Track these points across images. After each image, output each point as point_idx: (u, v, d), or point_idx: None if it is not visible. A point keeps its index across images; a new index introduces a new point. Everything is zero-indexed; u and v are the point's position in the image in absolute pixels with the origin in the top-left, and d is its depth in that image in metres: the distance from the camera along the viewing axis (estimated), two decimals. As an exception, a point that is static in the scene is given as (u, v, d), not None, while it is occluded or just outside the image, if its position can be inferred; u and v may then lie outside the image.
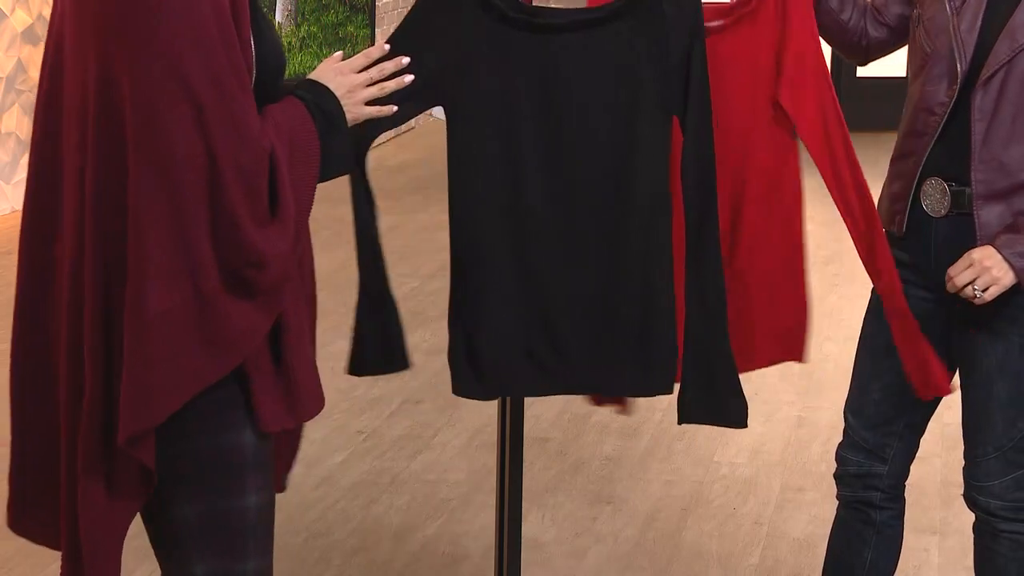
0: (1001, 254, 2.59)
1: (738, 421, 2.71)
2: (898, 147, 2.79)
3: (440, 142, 2.75)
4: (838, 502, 2.99)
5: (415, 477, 4.30)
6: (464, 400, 2.78)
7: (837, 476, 2.96)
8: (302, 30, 8.58)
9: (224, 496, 2.17)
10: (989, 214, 2.65)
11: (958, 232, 2.69)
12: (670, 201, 2.67)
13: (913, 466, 3.00)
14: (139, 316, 2.05)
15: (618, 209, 2.67)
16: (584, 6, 2.67)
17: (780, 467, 4.40)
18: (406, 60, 2.38)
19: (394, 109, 2.38)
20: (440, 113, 2.65)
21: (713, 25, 2.68)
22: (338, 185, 2.51)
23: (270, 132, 2.11)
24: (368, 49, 2.35)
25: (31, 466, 2.27)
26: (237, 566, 2.20)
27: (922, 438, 2.96)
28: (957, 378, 2.82)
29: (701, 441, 4.56)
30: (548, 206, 2.66)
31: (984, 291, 2.59)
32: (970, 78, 2.64)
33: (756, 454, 4.49)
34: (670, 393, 2.72)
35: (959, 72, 2.64)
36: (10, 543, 2.86)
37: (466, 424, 4.67)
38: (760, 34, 2.73)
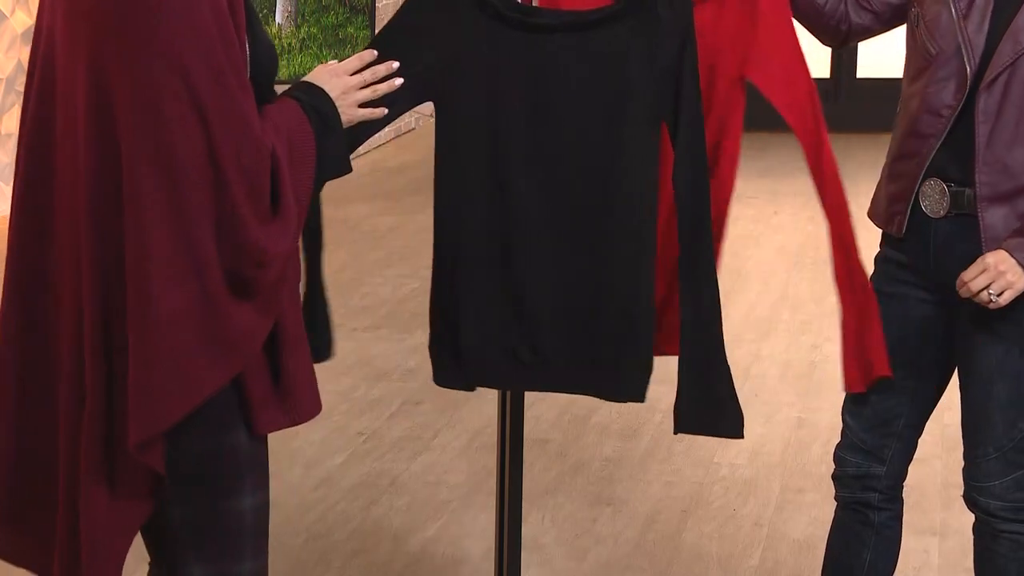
0: (1015, 258, 2.59)
1: (734, 431, 2.71)
2: (896, 147, 2.78)
3: (440, 143, 2.75)
4: (836, 503, 2.99)
5: (415, 479, 4.30)
6: (464, 401, 2.79)
7: (835, 477, 2.96)
8: (302, 31, 8.58)
9: (221, 497, 2.16)
10: (993, 216, 2.64)
11: (957, 233, 2.69)
12: (656, 206, 2.66)
13: (913, 467, 3.00)
14: (145, 318, 2.04)
15: (602, 211, 2.65)
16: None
17: (780, 468, 4.40)
18: (396, 64, 2.41)
19: (385, 111, 2.41)
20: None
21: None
22: (338, 186, 2.51)
23: (269, 132, 2.12)
24: (361, 52, 2.38)
25: (21, 480, 2.23)
26: (234, 567, 2.19)
27: (922, 439, 2.96)
28: (956, 378, 2.83)
29: (701, 442, 4.55)
30: (532, 205, 2.65)
31: (999, 295, 2.59)
32: (974, 81, 2.64)
33: (756, 455, 4.49)
34: (641, 401, 2.71)
35: (968, 75, 2.63)
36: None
37: (466, 425, 4.66)
38: (722, 15, 2.70)
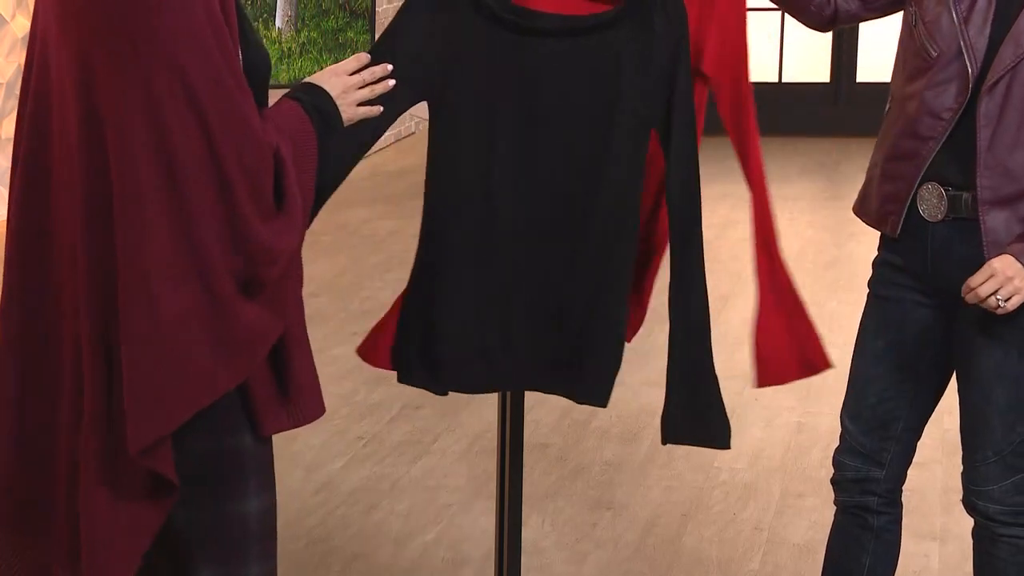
0: (1021, 263, 2.59)
1: (722, 441, 2.72)
2: (891, 147, 2.77)
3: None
4: (836, 507, 3.00)
5: (415, 483, 4.30)
6: (464, 406, 2.80)
7: (834, 481, 2.96)
8: (302, 36, 8.59)
9: (225, 500, 2.16)
10: (995, 220, 2.64)
11: (955, 237, 2.69)
12: (638, 215, 2.67)
13: (913, 472, 3.00)
14: (148, 320, 2.04)
15: (583, 217, 2.66)
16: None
17: (780, 472, 4.40)
18: (390, 67, 2.45)
19: (381, 109, 2.43)
20: None
21: None
22: (338, 190, 2.51)
23: (272, 131, 2.13)
24: (358, 54, 2.42)
25: (23, 485, 2.22)
26: (240, 571, 2.19)
27: (922, 444, 2.96)
28: (955, 382, 2.83)
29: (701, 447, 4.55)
30: (516, 207, 2.66)
31: (1007, 301, 2.59)
32: (976, 84, 2.64)
33: (756, 459, 4.49)
34: (604, 406, 2.73)
35: (970, 78, 2.63)
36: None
37: (466, 430, 4.66)
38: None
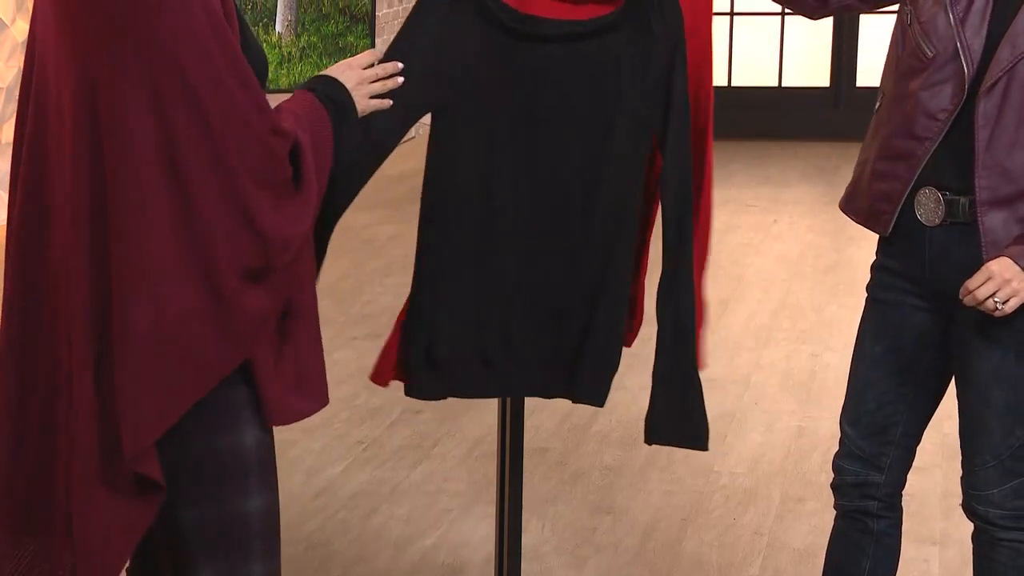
0: (1019, 266, 2.58)
1: (702, 442, 2.76)
2: (884, 146, 2.76)
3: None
4: (836, 512, 2.99)
5: (415, 487, 4.30)
6: (464, 410, 2.80)
7: (834, 486, 2.96)
8: (302, 40, 8.59)
9: (226, 499, 2.17)
10: (993, 220, 2.64)
11: (953, 241, 2.69)
12: (636, 218, 2.69)
13: (913, 477, 3.00)
14: (151, 320, 2.05)
15: (583, 218, 2.68)
16: None
17: (780, 477, 4.40)
18: (400, 65, 2.50)
19: (391, 103, 2.47)
20: None
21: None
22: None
23: (290, 120, 2.17)
24: (372, 49, 2.49)
25: (22, 485, 2.22)
26: (243, 569, 2.20)
27: (922, 448, 2.96)
28: (953, 386, 2.83)
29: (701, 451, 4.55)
30: (516, 210, 2.67)
31: (1005, 303, 2.58)
32: (972, 85, 2.64)
33: (756, 464, 4.49)
34: (601, 405, 2.76)
35: (967, 79, 2.63)
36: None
37: (466, 434, 4.66)
38: None
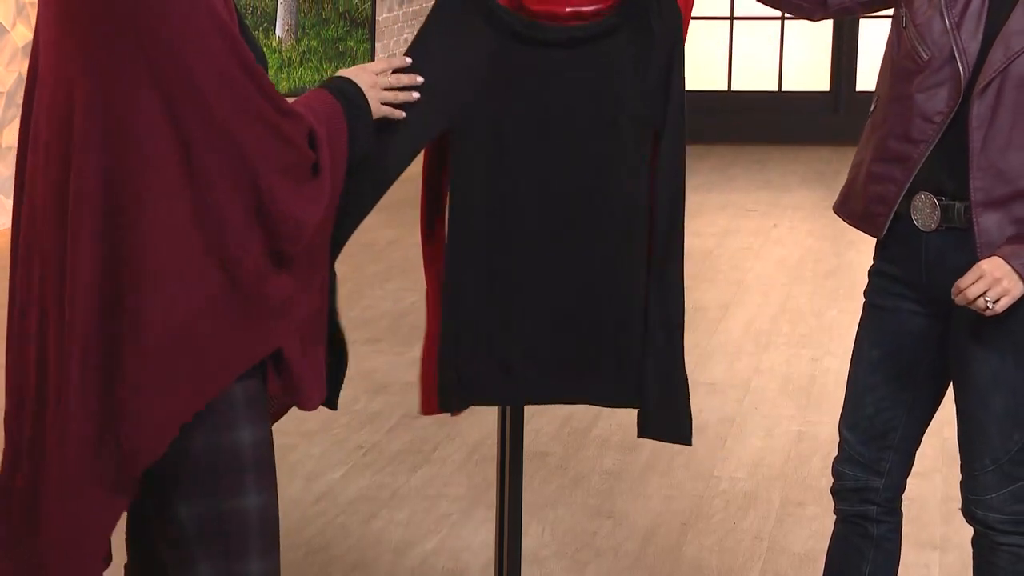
0: (1010, 265, 2.58)
1: (687, 438, 2.79)
2: (880, 149, 2.75)
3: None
4: (835, 516, 2.99)
5: (415, 492, 4.29)
6: (464, 414, 2.81)
7: (834, 491, 2.96)
8: (302, 44, 8.60)
9: (223, 496, 2.18)
10: (988, 221, 2.64)
11: (949, 245, 2.69)
12: (644, 217, 2.70)
13: (913, 481, 2.99)
14: (178, 312, 2.08)
15: (594, 224, 2.69)
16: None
17: (780, 481, 4.39)
18: (420, 79, 2.52)
19: (403, 114, 2.50)
20: None
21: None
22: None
23: (307, 113, 2.20)
24: (390, 57, 2.47)
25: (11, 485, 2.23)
26: (240, 567, 2.20)
27: (923, 453, 2.96)
28: (951, 391, 2.83)
29: (701, 456, 4.56)
30: (529, 219, 2.68)
31: (995, 303, 2.58)
32: (969, 87, 2.64)
33: (756, 468, 4.49)
34: (637, 406, 2.77)
35: (963, 81, 2.63)
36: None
37: (466, 438, 4.66)
38: None
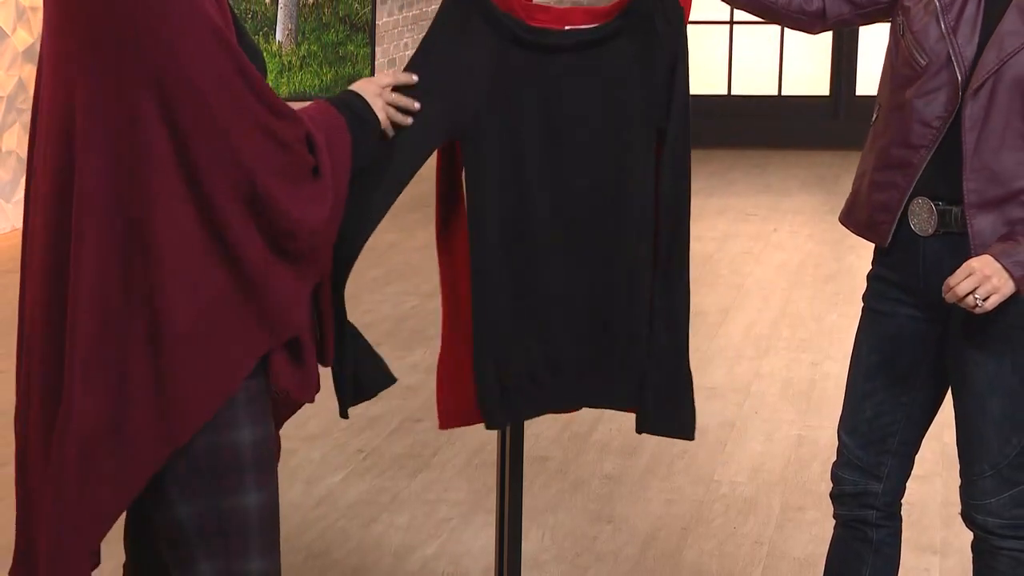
0: (1000, 263, 2.57)
1: (690, 433, 2.81)
2: (882, 156, 2.76)
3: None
4: (835, 521, 2.99)
5: (415, 496, 4.29)
6: (463, 419, 2.84)
7: (833, 495, 2.96)
8: (302, 49, 8.60)
9: (223, 495, 2.19)
10: (982, 223, 2.64)
11: (947, 251, 2.69)
12: (652, 216, 2.71)
13: (913, 486, 2.99)
14: (172, 323, 2.10)
15: (611, 226, 2.70)
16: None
17: (780, 486, 4.39)
18: (417, 105, 2.51)
19: (410, 120, 2.50)
20: None
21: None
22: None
23: (307, 121, 2.21)
24: (396, 72, 2.50)
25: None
26: (241, 565, 2.21)
27: (922, 457, 2.96)
28: (950, 396, 2.83)
29: (701, 460, 4.56)
30: (550, 228, 2.69)
31: (985, 300, 2.57)
32: (964, 90, 2.64)
33: (756, 473, 4.49)
34: (638, 405, 2.78)
35: (960, 86, 2.63)
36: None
37: (466, 443, 4.66)
38: None
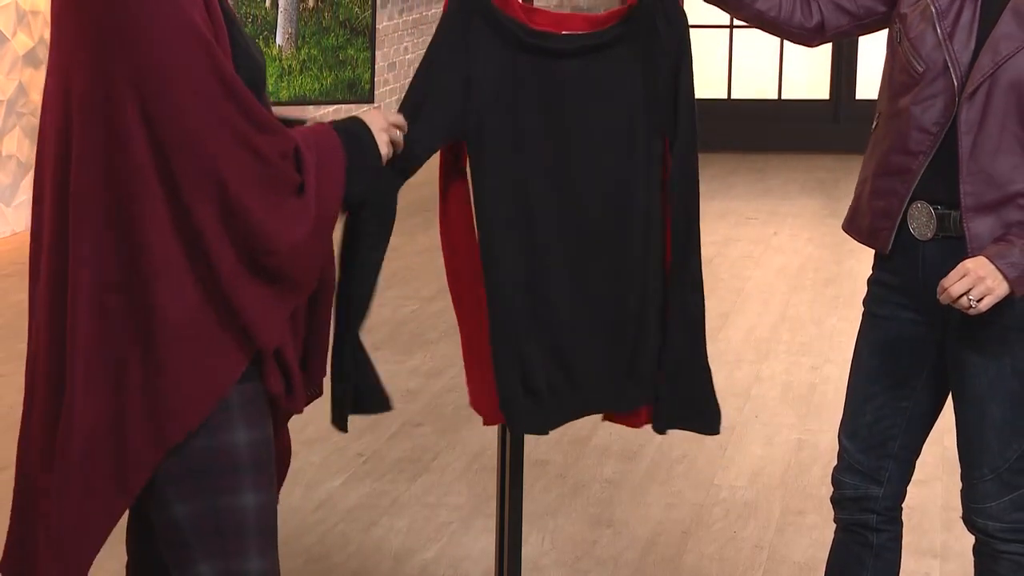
0: (994, 264, 2.57)
1: (715, 428, 2.83)
2: (881, 163, 2.76)
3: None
4: (836, 525, 2.99)
5: (415, 500, 4.29)
6: (464, 423, 2.82)
7: (834, 500, 2.95)
8: (302, 53, 8.60)
9: (219, 495, 2.19)
10: (979, 226, 2.64)
11: (946, 254, 2.69)
12: (661, 218, 2.72)
13: (914, 490, 2.99)
14: (161, 323, 2.10)
15: (618, 228, 2.70)
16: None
17: (780, 490, 4.39)
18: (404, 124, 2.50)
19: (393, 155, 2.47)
20: None
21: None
22: (338, 207, 2.52)
23: (299, 138, 2.20)
24: (399, 116, 2.48)
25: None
26: (240, 565, 2.21)
27: (923, 461, 2.96)
28: (950, 400, 2.83)
29: (701, 464, 4.55)
30: (559, 235, 2.69)
31: (979, 301, 2.57)
32: (961, 95, 2.64)
33: (756, 477, 4.48)
34: (652, 404, 2.79)
35: (956, 91, 2.64)
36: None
37: (466, 447, 4.66)
38: None
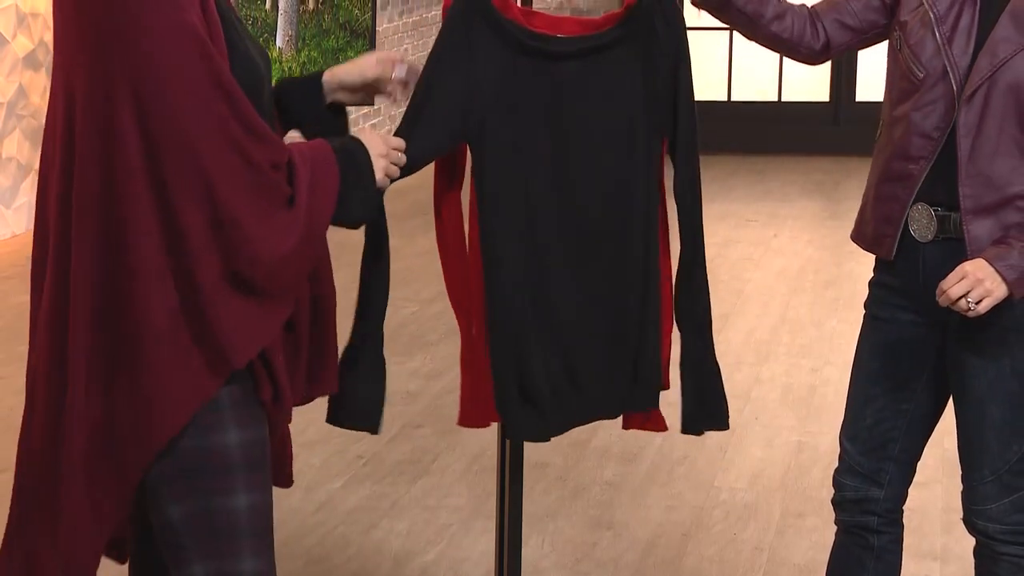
0: (993, 266, 2.58)
1: (725, 423, 2.85)
2: (884, 169, 2.77)
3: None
4: (836, 527, 2.99)
5: (415, 502, 4.29)
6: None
7: (835, 502, 2.95)
8: (302, 55, 8.60)
9: (211, 496, 2.19)
10: (979, 229, 2.64)
11: (946, 256, 2.69)
12: (658, 220, 2.72)
13: (914, 492, 2.99)
14: (140, 329, 2.10)
15: (620, 230, 2.70)
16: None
17: (780, 492, 4.39)
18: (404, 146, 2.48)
19: (389, 182, 2.46)
20: None
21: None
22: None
23: (294, 152, 2.19)
24: (398, 140, 2.45)
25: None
26: (233, 565, 2.21)
27: (923, 464, 2.96)
28: (951, 403, 2.83)
29: (701, 466, 4.55)
30: (560, 236, 2.68)
31: (977, 303, 2.57)
32: (960, 99, 2.65)
33: (756, 479, 4.48)
34: (656, 407, 2.80)
35: (955, 95, 2.64)
36: None
37: (466, 449, 4.66)
38: None
